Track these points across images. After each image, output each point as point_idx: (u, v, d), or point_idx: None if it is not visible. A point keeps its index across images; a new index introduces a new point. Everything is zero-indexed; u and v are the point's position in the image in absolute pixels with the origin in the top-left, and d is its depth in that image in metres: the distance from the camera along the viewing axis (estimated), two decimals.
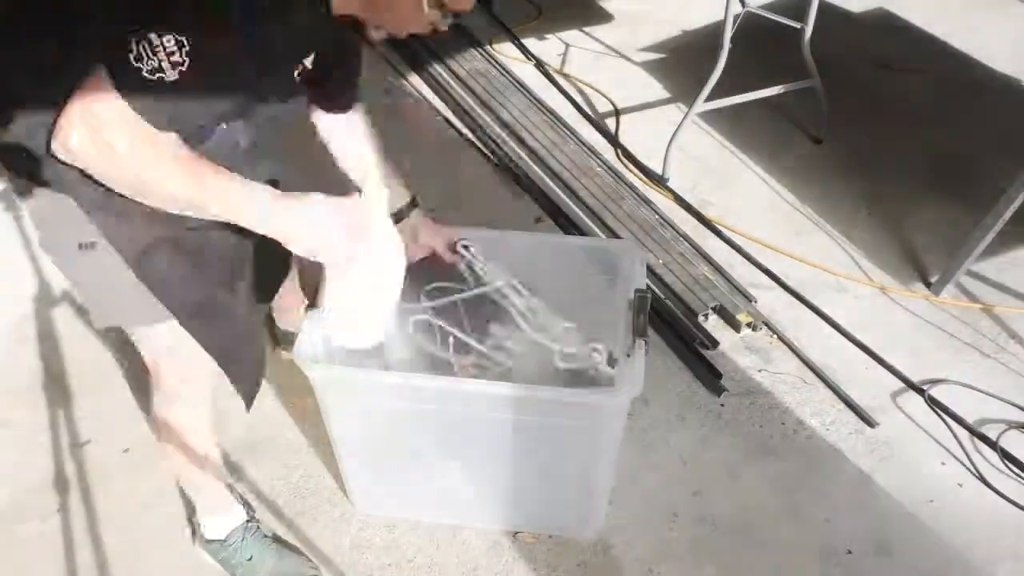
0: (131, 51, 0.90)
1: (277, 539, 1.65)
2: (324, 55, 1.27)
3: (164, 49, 0.90)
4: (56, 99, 0.94)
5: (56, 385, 1.98)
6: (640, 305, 1.43)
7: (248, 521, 1.61)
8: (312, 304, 1.38)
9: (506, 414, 1.41)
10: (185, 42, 0.91)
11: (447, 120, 2.90)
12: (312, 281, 1.35)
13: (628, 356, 1.37)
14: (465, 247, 1.55)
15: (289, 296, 1.79)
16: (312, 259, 1.17)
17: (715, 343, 2.10)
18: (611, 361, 1.46)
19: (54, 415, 1.91)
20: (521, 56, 3.25)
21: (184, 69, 0.92)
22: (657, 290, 2.22)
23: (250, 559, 1.58)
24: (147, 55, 0.90)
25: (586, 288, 1.66)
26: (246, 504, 1.65)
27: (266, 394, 1.96)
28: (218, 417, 1.89)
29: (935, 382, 2.03)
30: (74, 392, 1.96)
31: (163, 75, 0.92)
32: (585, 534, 1.70)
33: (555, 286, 1.67)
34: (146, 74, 0.91)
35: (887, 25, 3.56)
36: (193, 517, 1.64)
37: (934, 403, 1.98)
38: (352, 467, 1.65)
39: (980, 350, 2.13)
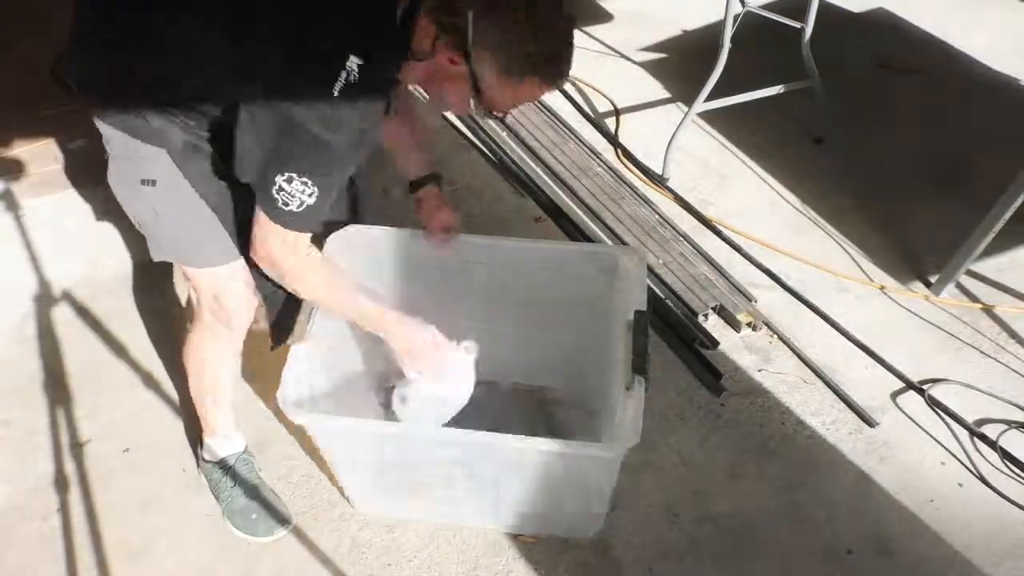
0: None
1: (262, 483, 1.75)
2: None
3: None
4: None
5: (56, 385, 1.98)
6: (638, 329, 1.37)
7: (243, 453, 1.75)
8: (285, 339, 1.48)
9: (502, 458, 1.41)
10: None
11: (447, 120, 2.90)
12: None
13: (628, 389, 1.34)
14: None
15: None
16: (401, 361, 1.48)
17: (715, 343, 2.10)
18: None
19: (54, 415, 1.91)
20: None
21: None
22: (657, 290, 2.22)
23: (234, 486, 1.71)
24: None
25: (586, 297, 1.66)
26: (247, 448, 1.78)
27: (266, 394, 1.96)
28: None
29: (935, 382, 2.03)
30: (74, 392, 1.96)
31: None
32: (586, 535, 1.70)
33: (555, 296, 1.67)
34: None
35: (887, 25, 3.56)
36: (199, 442, 1.78)
37: (934, 403, 1.98)
38: (349, 479, 1.66)
39: (980, 350, 2.13)
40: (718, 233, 2.45)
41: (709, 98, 2.57)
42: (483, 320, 1.71)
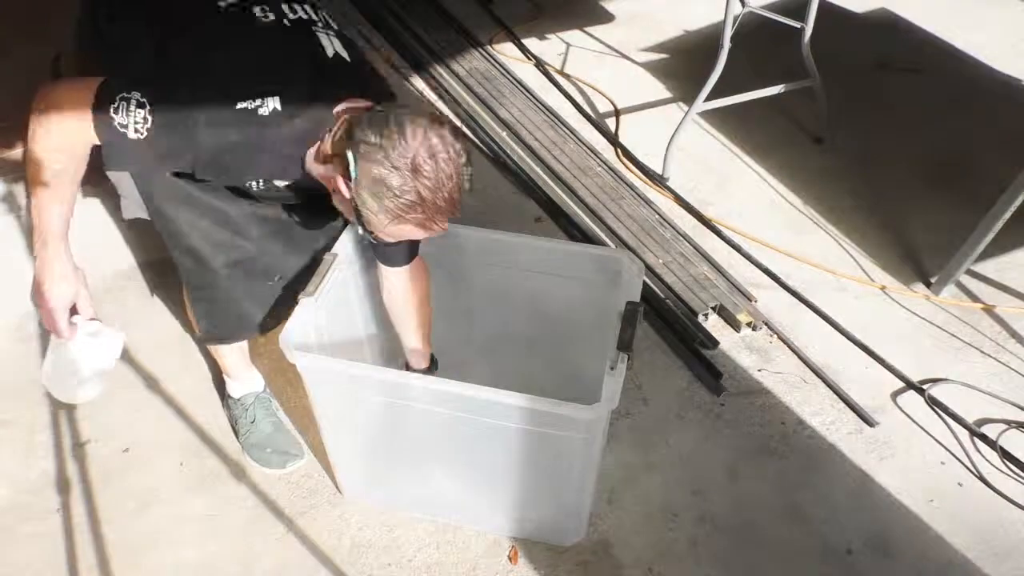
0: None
1: (278, 421, 1.87)
2: None
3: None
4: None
5: None
6: (629, 318, 1.41)
7: (262, 393, 1.87)
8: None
9: (485, 417, 1.41)
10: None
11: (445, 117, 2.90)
12: None
13: (612, 369, 1.36)
14: None
15: None
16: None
17: (715, 343, 2.10)
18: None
19: (54, 415, 1.91)
20: (521, 56, 3.25)
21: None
22: (657, 290, 2.22)
23: (253, 421, 1.83)
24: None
25: (585, 295, 1.66)
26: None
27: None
28: (219, 418, 1.90)
29: (935, 382, 2.03)
30: None
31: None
32: (565, 543, 1.69)
33: (555, 295, 1.67)
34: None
35: (887, 25, 3.57)
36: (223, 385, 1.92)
37: (934, 403, 1.98)
38: (338, 451, 1.67)
39: (980, 350, 2.13)
40: (718, 233, 2.45)
41: (709, 98, 2.57)
42: (483, 317, 1.72)
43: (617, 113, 2.98)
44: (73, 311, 1.41)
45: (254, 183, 1.39)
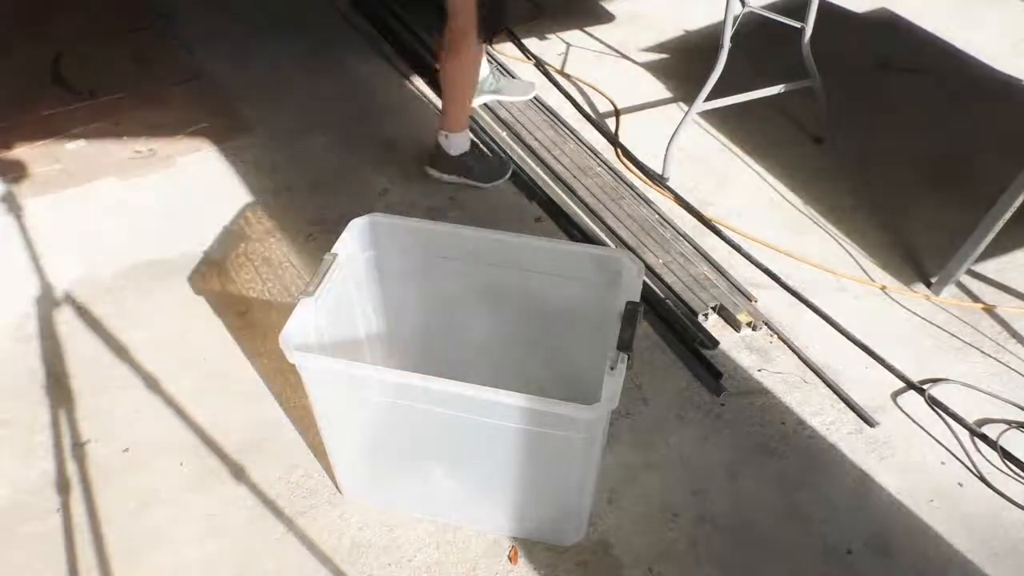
0: None
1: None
2: None
3: None
4: None
5: (56, 385, 1.98)
6: (629, 318, 1.42)
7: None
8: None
9: (485, 417, 1.41)
10: None
11: None
12: None
13: (612, 369, 1.36)
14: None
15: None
16: None
17: (715, 343, 2.10)
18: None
19: (54, 415, 1.91)
20: (521, 56, 3.25)
21: None
22: (657, 290, 2.22)
23: (481, 156, 2.62)
24: None
25: (585, 295, 1.66)
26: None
27: (266, 395, 1.96)
28: (219, 418, 1.91)
29: (935, 382, 2.03)
30: (74, 392, 1.96)
31: None
32: (565, 543, 1.69)
33: (554, 293, 1.67)
34: None
35: (887, 25, 3.57)
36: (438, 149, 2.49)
37: (934, 403, 1.98)
38: (338, 451, 1.67)
39: (980, 350, 2.13)
40: (718, 233, 2.45)
41: (709, 98, 2.57)
42: (484, 317, 1.71)
43: (617, 113, 2.98)
44: None
45: None
